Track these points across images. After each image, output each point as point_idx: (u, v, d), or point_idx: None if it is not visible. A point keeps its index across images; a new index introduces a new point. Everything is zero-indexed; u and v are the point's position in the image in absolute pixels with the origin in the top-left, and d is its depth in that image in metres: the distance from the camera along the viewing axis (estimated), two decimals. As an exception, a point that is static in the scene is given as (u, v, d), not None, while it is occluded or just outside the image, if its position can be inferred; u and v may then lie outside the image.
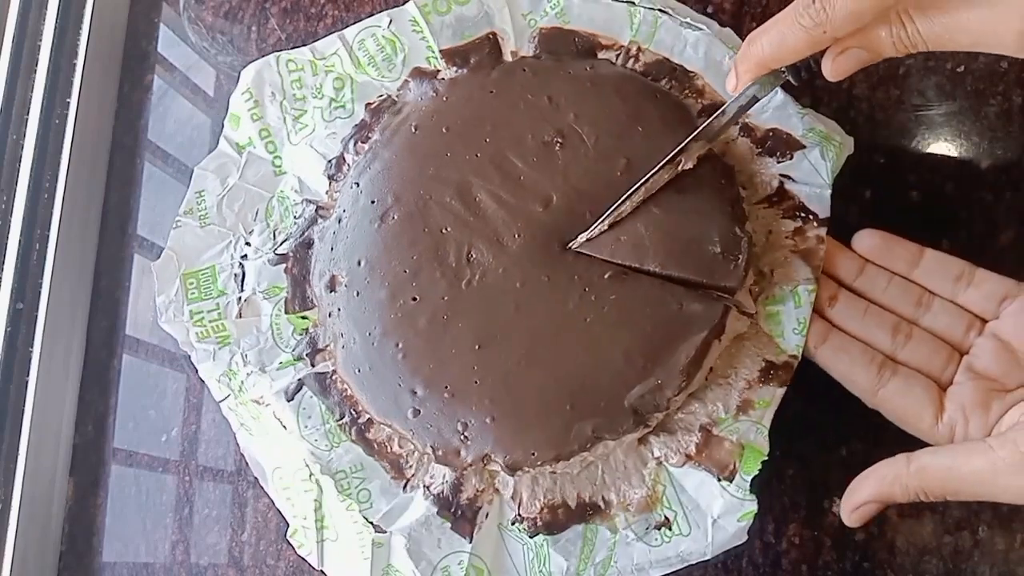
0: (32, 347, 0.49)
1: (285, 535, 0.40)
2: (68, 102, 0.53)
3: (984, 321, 0.38)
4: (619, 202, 0.38)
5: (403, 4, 0.46)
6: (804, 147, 0.40)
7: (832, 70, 0.35)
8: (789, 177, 0.40)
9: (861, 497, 0.34)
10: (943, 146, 0.44)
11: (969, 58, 0.44)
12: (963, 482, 0.32)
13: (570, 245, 0.39)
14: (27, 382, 0.48)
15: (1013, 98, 0.43)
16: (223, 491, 0.46)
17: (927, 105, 0.44)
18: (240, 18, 0.54)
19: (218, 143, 0.46)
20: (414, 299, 0.39)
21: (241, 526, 0.45)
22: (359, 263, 0.40)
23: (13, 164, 0.52)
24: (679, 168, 0.39)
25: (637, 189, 0.38)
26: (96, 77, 0.54)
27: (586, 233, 0.39)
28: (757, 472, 0.36)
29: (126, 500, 0.48)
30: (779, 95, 0.41)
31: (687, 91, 0.42)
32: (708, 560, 0.36)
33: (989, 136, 0.43)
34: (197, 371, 0.42)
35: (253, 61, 0.46)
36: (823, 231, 0.39)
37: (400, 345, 0.38)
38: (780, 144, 0.41)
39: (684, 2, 0.45)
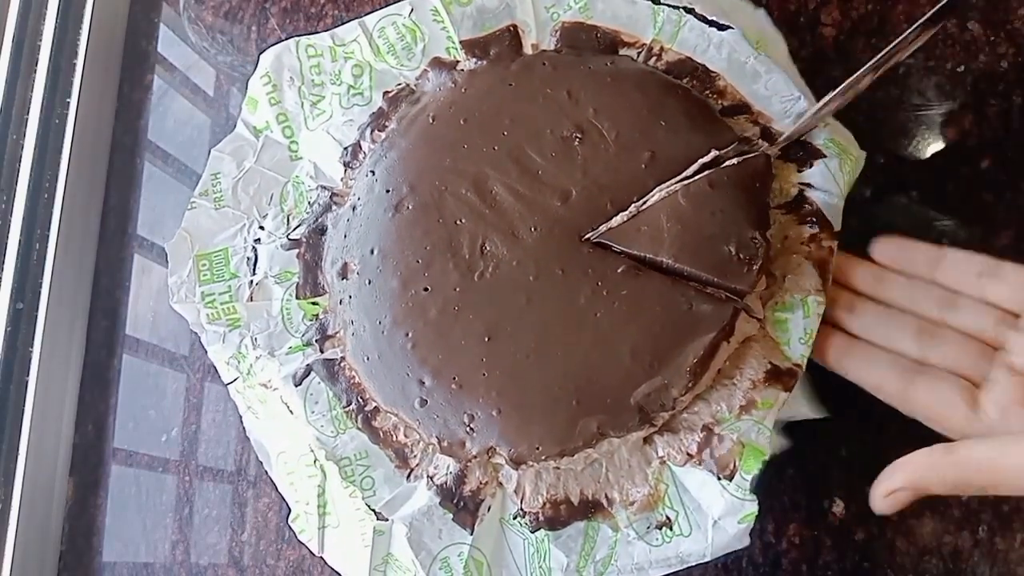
0: (32, 347, 0.49)
1: (285, 536, 0.40)
2: (68, 102, 0.53)
3: (1016, 316, 0.36)
4: (650, 191, 0.38)
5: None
6: (825, 156, 0.40)
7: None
8: (809, 184, 0.40)
9: (895, 483, 0.32)
10: (943, 146, 0.43)
11: (969, 58, 0.44)
12: (1007, 475, 0.30)
13: (588, 236, 0.38)
14: (27, 382, 0.48)
15: (1013, 98, 0.43)
16: (223, 491, 0.46)
17: (927, 105, 0.44)
18: (240, 18, 0.54)
19: (218, 143, 0.46)
20: (426, 289, 0.39)
21: (241, 526, 0.45)
22: (372, 251, 0.40)
23: (13, 164, 0.52)
24: (722, 162, 0.38)
25: (670, 179, 0.38)
26: (96, 77, 0.54)
27: (607, 223, 0.38)
28: (758, 472, 0.35)
29: (126, 500, 0.48)
30: (802, 102, 0.40)
31: (708, 91, 0.42)
32: (707, 561, 0.36)
33: (989, 136, 0.43)
34: (200, 364, 0.42)
35: (253, 59, 0.46)
36: (835, 243, 0.39)
37: (410, 335, 0.38)
38: (802, 152, 0.40)
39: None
